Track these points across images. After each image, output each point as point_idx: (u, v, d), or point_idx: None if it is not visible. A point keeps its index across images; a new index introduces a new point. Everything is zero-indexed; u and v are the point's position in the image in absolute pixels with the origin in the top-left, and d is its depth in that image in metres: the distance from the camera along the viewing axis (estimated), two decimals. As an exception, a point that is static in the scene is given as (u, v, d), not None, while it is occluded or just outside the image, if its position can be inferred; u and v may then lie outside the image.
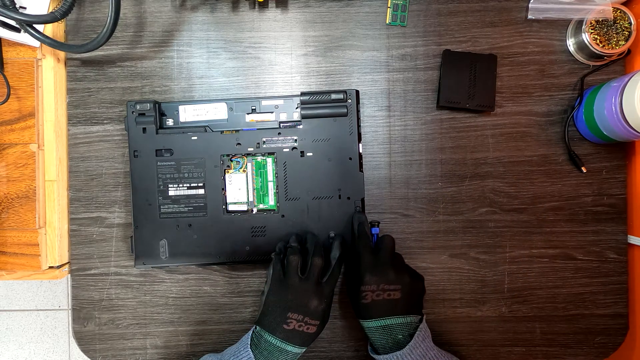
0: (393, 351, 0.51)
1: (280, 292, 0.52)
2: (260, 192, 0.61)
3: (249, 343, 0.51)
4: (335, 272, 0.54)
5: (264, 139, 0.60)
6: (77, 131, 0.64)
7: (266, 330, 0.51)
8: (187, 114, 0.61)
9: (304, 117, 0.60)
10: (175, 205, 0.61)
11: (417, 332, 0.51)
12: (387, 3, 0.63)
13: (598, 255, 0.64)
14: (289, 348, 0.51)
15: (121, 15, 0.58)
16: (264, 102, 0.61)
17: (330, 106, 0.59)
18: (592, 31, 0.60)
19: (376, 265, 0.53)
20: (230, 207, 0.61)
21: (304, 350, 0.52)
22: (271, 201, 0.61)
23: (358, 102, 0.60)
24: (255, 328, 0.53)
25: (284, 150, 0.60)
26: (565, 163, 0.63)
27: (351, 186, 0.60)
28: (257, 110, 0.61)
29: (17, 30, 0.58)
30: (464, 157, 0.63)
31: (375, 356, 0.54)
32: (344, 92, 0.59)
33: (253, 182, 0.61)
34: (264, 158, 0.61)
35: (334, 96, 0.59)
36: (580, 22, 0.60)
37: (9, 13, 0.53)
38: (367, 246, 0.54)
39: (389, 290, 0.52)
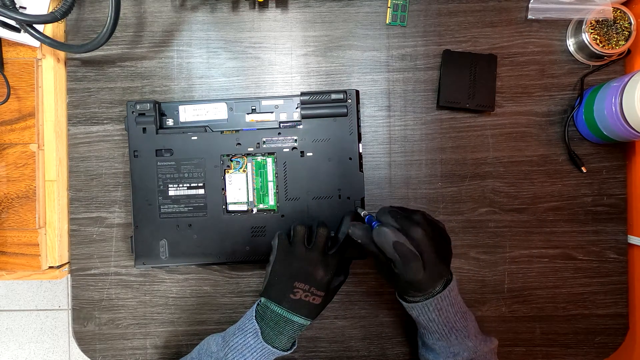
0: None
1: (286, 262, 0.52)
2: (260, 192, 0.61)
3: (254, 315, 0.51)
4: (342, 246, 0.54)
5: (264, 139, 0.60)
6: (77, 131, 0.64)
7: (272, 301, 0.51)
8: (187, 114, 0.61)
9: (304, 117, 0.60)
10: (175, 205, 0.61)
11: (453, 281, 0.51)
12: (387, 3, 0.63)
13: (598, 255, 0.63)
14: (295, 318, 0.51)
15: (121, 15, 0.58)
16: (264, 102, 0.61)
17: (330, 106, 0.59)
18: (592, 31, 0.60)
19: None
20: (230, 207, 0.61)
21: (309, 322, 0.52)
22: (271, 201, 0.61)
23: (358, 102, 0.60)
24: (260, 300, 0.53)
25: (284, 150, 0.60)
26: (565, 163, 0.63)
27: (351, 186, 0.60)
28: (257, 110, 0.61)
29: (17, 30, 0.58)
30: (464, 157, 0.63)
31: (412, 302, 0.51)
32: (344, 92, 0.59)
33: (253, 182, 0.61)
34: (264, 158, 0.61)
35: (334, 96, 0.59)
36: (580, 22, 0.60)
37: (9, 13, 0.53)
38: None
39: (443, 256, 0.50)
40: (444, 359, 0.52)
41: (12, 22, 0.56)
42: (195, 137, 0.60)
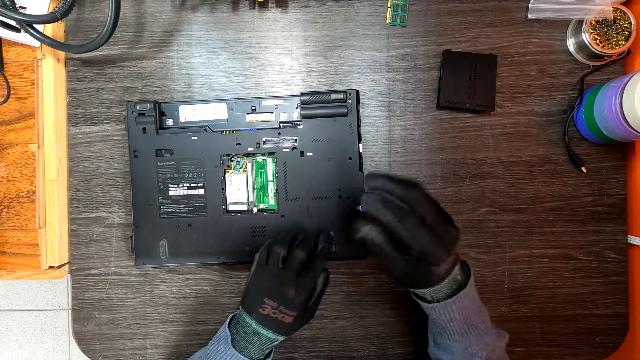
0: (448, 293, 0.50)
1: (260, 277, 0.53)
2: (260, 192, 0.61)
3: (228, 322, 0.53)
4: (316, 267, 0.53)
5: (264, 139, 0.60)
6: (77, 131, 0.64)
7: (245, 311, 0.52)
8: (187, 114, 0.61)
9: (304, 117, 0.60)
10: (175, 205, 0.61)
11: (472, 275, 0.50)
12: (387, 3, 0.63)
13: (598, 255, 0.63)
14: (263, 331, 0.51)
15: (121, 15, 0.58)
16: (264, 102, 0.61)
17: (330, 106, 0.59)
18: (592, 31, 0.60)
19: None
20: (230, 207, 0.61)
21: (282, 339, 0.52)
22: (271, 201, 0.61)
23: (358, 102, 0.60)
24: (239, 308, 0.54)
25: (284, 150, 0.60)
26: (565, 163, 0.63)
27: (351, 186, 0.60)
28: (257, 110, 0.61)
29: (17, 30, 0.58)
30: (464, 157, 0.63)
31: (433, 303, 0.50)
32: (344, 92, 0.59)
33: (253, 182, 0.61)
34: (264, 158, 0.61)
35: (334, 96, 0.59)
36: (580, 22, 0.60)
37: (9, 13, 0.53)
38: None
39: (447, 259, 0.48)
40: None
41: (12, 22, 0.56)
42: (195, 137, 0.60)
